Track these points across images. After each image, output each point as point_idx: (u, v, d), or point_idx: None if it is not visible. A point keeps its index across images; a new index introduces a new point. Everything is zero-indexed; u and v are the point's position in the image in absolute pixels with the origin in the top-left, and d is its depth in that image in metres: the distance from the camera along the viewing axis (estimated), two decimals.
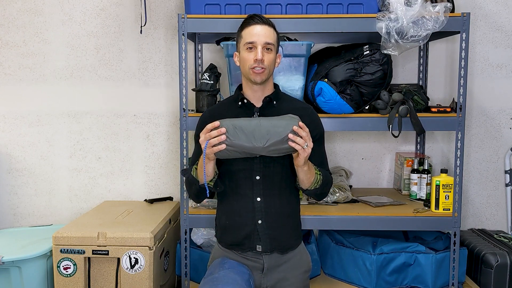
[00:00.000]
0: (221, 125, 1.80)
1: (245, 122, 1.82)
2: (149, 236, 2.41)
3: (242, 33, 1.98)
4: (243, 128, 1.79)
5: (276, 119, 1.84)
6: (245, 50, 1.95)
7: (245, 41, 1.95)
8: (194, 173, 1.98)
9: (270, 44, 1.94)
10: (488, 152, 3.06)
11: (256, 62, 1.92)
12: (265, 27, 1.95)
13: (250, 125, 1.80)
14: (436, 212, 2.50)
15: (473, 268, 2.66)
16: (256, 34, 1.93)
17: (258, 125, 1.80)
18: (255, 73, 1.94)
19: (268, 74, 1.97)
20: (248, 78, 1.98)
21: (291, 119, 1.81)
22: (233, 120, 1.83)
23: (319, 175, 1.98)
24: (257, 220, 1.99)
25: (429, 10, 2.32)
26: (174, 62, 3.03)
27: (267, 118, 1.86)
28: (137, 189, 3.13)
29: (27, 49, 3.03)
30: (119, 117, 3.08)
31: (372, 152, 3.11)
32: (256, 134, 1.78)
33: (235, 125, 1.80)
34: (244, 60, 1.96)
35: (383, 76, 2.46)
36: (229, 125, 1.80)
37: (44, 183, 3.12)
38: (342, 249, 2.65)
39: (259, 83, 1.97)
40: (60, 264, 2.41)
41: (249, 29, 1.95)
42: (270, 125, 1.79)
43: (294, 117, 1.83)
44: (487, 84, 3.01)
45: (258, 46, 1.93)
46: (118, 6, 3.00)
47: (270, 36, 1.95)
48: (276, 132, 1.78)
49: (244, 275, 1.94)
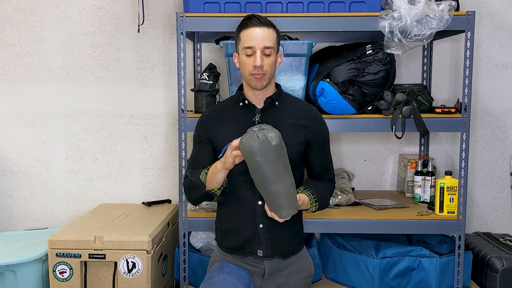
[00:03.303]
0: None
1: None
2: (146, 239, 2.40)
3: (240, 35, 1.95)
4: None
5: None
6: (244, 55, 1.93)
7: (243, 45, 1.92)
8: (203, 178, 1.97)
9: (270, 48, 1.92)
10: (493, 153, 3.06)
11: (255, 69, 1.90)
12: (264, 29, 1.92)
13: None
14: (441, 215, 2.49)
15: (478, 273, 2.65)
16: (254, 38, 1.90)
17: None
18: (255, 79, 1.93)
19: (268, 79, 1.96)
20: (248, 84, 1.97)
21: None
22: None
23: (314, 207, 2.00)
24: (258, 224, 1.97)
25: (433, 9, 2.31)
26: (173, 62, 3.02)
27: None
28: (135, 191, 3.12)
29: (22, 49, 3.03)
30: (116, 118, 3.07)
31: (375, 153, 3.10)
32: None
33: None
34: (243, 64, 1.95)
35: (386, 76, 2.45)
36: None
37: (39, 185, 3.12)
38: (344, 253, 2.64)
39: (260, 89, 1.96)
40: (56, 268, 2.41)
41: (247, 31, 1.92)
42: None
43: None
44: (492, 84, 3.01)
45: (257, 51, 1.90)
46: (115, 5, 3.01)
47: (269, 38, 1.92)
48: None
49: (244, 279, 1.93)
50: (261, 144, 1.74)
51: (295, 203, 1.86)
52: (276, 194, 1.82)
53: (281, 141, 1.79)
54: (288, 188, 1.82)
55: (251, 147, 1.74)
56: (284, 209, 1.84)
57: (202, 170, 1.98)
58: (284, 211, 1.84)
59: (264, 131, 1.76)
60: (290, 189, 1.83)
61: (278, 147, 1.76)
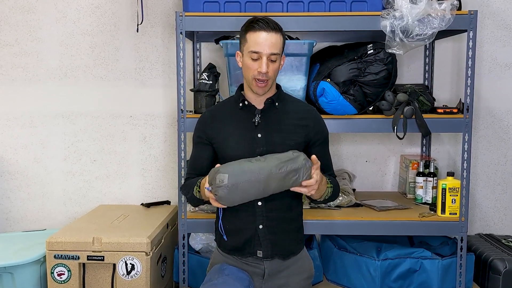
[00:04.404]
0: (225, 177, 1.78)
1: (250, 176, 1.79)
2: (145, 241, 2.39)
3: (246, 36, 1.93)
4: (249, 182, 1.79)
5: (283, 173, 1.79)
6: (249, 58, 1.91)
7: (249, 48, 1.91)
8: (197, 194, 1.99)
9: (276, 55, 1.91)
10: (496, 154, 3.05)
11: (260, 74, 1.90)
12: (272, 34, 1.90)
13: (258, 180, 1.79)
14: (442, 217, 2.49)
15: (480, 274, 2.64)
16: (262, 44, 1.88)
17: (265, 179, 1.79)
18: (258, 86, 1.92)
19: (271, 84, 1.96)
20: (250, 87, 1.96)
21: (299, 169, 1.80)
22: (236, 175, 1.78)
23: (330, 188, 1.98)
24: (258, 225, 1.97)
25: (435, 8, 2.31)
26: (172, 62, 3.01)
27: (273, 167, 1.80)
28: (134, 192, 3.11)
29: (19, 48, 3.02)
30: (115, 118, 3.06)
31: (376, 154, 3.10)
32: (262, 187, 1.81)
33: (237, 183, 1.78)
34: (247, 67, 1.93)
35: (388, 76, 2.45)
36: (233, 180, 1.78)
37: (37, 186, 3.11)
38: (345, 254, 2.64)
39: (261, 95, 1.96)
40: (54, 270, 2.39)
41: (255, 35, 1.90)
42: (278, 179, 1.79)
43: (298, 160, 1.81)
44: (495, 84, 3.00)
45: (263, 57, 1.89)
46: (114, 4, 3.00)
47: (276, 45, 1.90)
48: (284, 186, 1.82)
49: (244, 281, 1.93)
50: (227, 201, 1.81)
51: (297, 160, 1.82)
52: (277, 189, 1.83)
53: (228, 184, 1.77)
54: (278, 175, 1.80)
55: (227, 204, 1.82)
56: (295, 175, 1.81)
57: (194, 183, 1.99)
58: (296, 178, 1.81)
59: (214, 191, 1.78)
60: (278, 169, 1.79)
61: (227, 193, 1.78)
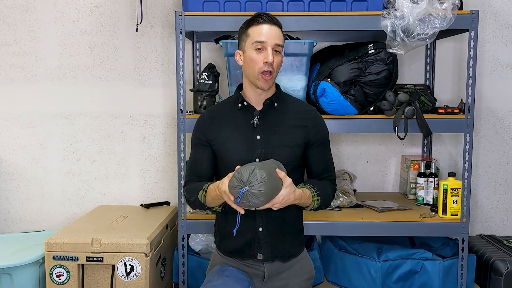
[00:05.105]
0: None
1: None
2: (145, 242, 2.39)
3: (249, 31, 1.92)
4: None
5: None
6: (254, 50, 1.90)
7: (253, 40, 1.89)
8: (202, 199, 1.95)
9: (280, 46, 1.91)
10: (497, 155, 3.04)
11: (266, 65, 1.88)
12: (275, 27, 1.91)
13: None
14: (444, 218, 2.48)
15: (482, 276, 2.64)
16: (266, 34, 1.89)
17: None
18: (264, 79, 1.90)
19: (274, 79, 1.95)
20: (254, 83, 1.94)
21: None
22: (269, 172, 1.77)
23: (317, 201, 1.94)
24: (258, 228, 1.96)
25: (436, 8, 2.30)
26: (171, 62, 3.00)
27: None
28: (133, 193, 3.11)
29: (18, 48, 3.01)
30: (114, 118, 3.05)
31: (377, 155, 3.09)
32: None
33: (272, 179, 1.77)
34: (252, 61, 1.91)
35: (389, 76, 2.45)
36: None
37: (36, 187, 3.10)
38: (345, 255, 2.63)
39: (266, 90, 1.94)
40: (53, 272, 2.39)
41: (257, 27, 1.90)
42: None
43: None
44: (496, 84, 3.00)
45: (268, 47, 1.88)
46: (113, 3, 2.99)
47: (280, 37, 1.92)
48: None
49: (244, 282, 1.93)
50: (260, 201, 1.76)
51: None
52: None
53: (268, 180, 1.74)
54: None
55: (254, 205, 1.78)
56: None
57: (200, 188, 1.96)
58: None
59: (253, 189, 1.73)
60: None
61: (267, 190, 1.76)
